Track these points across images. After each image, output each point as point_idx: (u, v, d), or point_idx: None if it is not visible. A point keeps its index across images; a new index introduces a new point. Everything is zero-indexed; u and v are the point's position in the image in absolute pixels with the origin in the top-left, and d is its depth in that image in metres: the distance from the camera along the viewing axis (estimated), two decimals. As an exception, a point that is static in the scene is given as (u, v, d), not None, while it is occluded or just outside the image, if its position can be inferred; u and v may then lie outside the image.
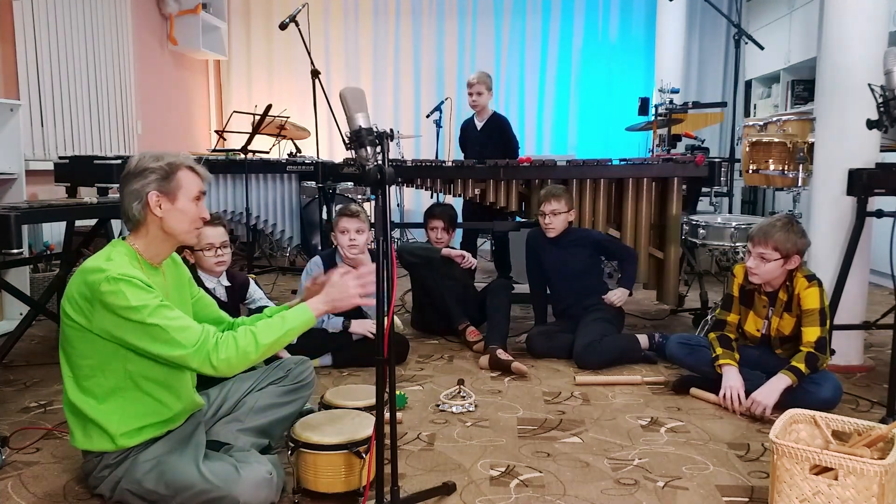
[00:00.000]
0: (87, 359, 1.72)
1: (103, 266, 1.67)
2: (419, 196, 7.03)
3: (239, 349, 1.67)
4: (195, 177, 1.81)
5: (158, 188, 1.75)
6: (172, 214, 1.77)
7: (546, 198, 3.31)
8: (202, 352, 1.65)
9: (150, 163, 1.76)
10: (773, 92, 6.80)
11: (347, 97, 1.71)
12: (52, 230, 4.23)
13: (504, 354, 3.08)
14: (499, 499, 1.91)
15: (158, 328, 1.64)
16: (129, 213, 1.77)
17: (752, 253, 2.55)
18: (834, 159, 3.00)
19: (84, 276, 1.69)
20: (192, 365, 1.67)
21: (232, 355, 1.66)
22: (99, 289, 1.64)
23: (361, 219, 3.08)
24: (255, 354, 1.69)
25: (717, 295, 4.14)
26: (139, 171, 1.75)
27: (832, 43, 2.98)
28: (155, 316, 1.65)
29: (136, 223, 1.78)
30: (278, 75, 7.18)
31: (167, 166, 1.76)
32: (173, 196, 1.77)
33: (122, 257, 1.74)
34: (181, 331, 1.66)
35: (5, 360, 2.98)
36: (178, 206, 1.78)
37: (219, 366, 1.66)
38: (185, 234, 1.82)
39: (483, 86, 4.47)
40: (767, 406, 2.45)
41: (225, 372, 1.68)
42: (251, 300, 2.91)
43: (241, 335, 1.70)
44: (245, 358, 1.68)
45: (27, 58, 4.40)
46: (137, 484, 1.75)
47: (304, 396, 2.16)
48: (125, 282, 1.65)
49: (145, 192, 1.74)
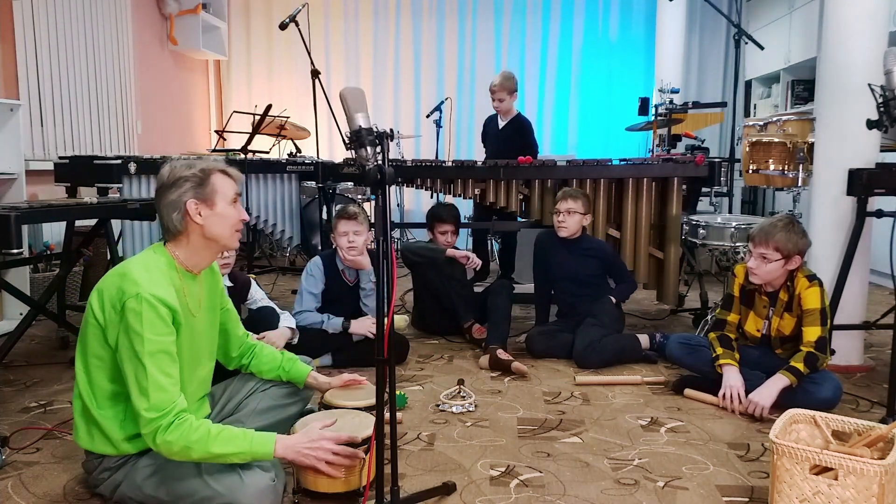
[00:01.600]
0: (97, 358, 1.72)
1: (139, 279, 1.65)
2: (419, 196, 7.04)
3: (185, 441, 1.61)
4: (229, 179, 1.81)
5: (196, 195, 1.74)
6: (213, 220, 1.76)
7: (563, 197, 3.32)
8: (155, 424, 1.60)
9: (183, 171, 1.74)
10: (773, 92, 6.80)
11: (347, 97, 1.71)
12: (52, 230, 4.23)
13: (504, 354, 3.08)
14: (499, 499, 1.91)
15: (144, 371, 1.61)
16: (168, 224, 1.75)
17: (753, 253, 2.55)
18: (834, 159, 3.00)
19: (120, 280, 1.67)
20: (140, 423, 1.63)
21: (174, 441, 1.61)
22: (126, 303, 1.63)
23: (360, 220, 3.08)
24: (197, 455, 1.62)
25: (717, 295, 4.14)
26: (173, 181, 1.74)
27: (832, 43, 2.98)
28: (152, 358, 1.62)
29: (177, 233, 1.77)
30: (278, 75, 7.17)
31: (201, 172, 1.75)
32: (211, 202, 1.76)
33: (160, 268, 1.72)
34: (159, 389, 1.62)
35: (5, 360, 2.98)
36: (218, 210, 1.77)
37: (160, 445, 1.62)
38: (228, 239, 1.81)
39: (504, 92, 4.54)
40: (765, 407, 2.45)
41: (163, 452, 1.63)
42: (252, 301, 2.92)
43: (195, 430, 1.62)
44: (186, 452, 1.62)
45: (27, 58, 4.39)
46: (137, 489, 1.74)
47: (306, 398, 2.17)
48: (151, 306, 1.63)
49: (183, 200, 1.73)
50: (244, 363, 2.11)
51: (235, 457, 1.65)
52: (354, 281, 3.21)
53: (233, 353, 2.10)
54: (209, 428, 1.65)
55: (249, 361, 2.11)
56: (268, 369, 2.10)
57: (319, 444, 1.71)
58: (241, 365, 2.12)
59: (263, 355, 2.11)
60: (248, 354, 2.11)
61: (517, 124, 4.66)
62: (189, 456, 1.63)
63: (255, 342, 2.16)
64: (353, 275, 3.21)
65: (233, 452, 1.64)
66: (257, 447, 1.66)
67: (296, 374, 2.11)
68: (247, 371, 2.12)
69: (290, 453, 1.69)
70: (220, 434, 1.65)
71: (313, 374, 2.14)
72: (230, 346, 2.08)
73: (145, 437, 1.65)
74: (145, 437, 1.64)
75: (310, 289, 3.15)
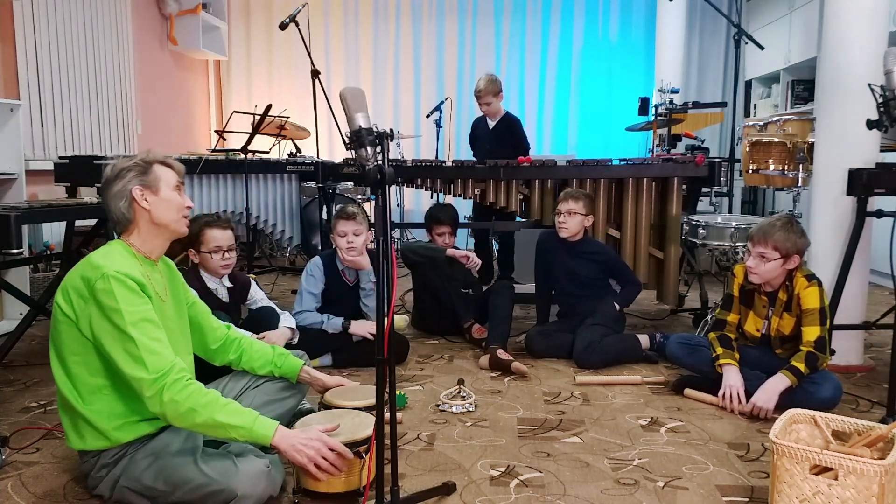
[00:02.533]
0: (74, 354, 1.73)
1: (100, 262, 1.69)
2: (419, 196, 7.04)
3: (192, 402, 1.62)
4: (169, 169, 1.86)
5: (140, 182, 1.79)
6: (159, 205, 1.81)
7: (564, 197, 3.32)
8: (159, 383, 1.61)
9: (125, 164, 1.81)
10: (773, 92, 6.80)
11: (347, 97, 1.71)
12: (52, 230, 4.23)
13: (504, 354, 3.08)
14: (499, 499, 1.91)
15: (133, 342, 1.63)
16: (116, 215, 1.81)
17: (752, 252, 2.55)
18: (834, 159, 3.00)
19: (81, 270, 1.71)
20: (145, 393, 1.62)
21: (182, 401, 1.61)
22: (94, 286, 1.66)
23: (359, 220, 3.08)
24: (200, 419, 1.62)
25: (717, 295, 4.14)
26: (117, 174, 1.80)
27: (832, 43, 2.98)
28: (136, 328, 1.63)
29: (126, 222, 1.82)
30: (278, 75, 7.18)
31: (142, 162, 1.82)
32: (155, 188, 1.81)
33: (120, 254, 1.76)
34: (152, 353, 1.63)
35: (5, 360, 2.98)
36: (162, 195, 1.82)
37: (167, 404, 1.61)
38: (175, 224, 1.85)
39: (490, 95, 4.58)
40: (769, 410, 2.46)
41: (168, 414, 1.63)
42: (252, 301, 2.92)
43: (204, 395, 1.64)
44: (190, 415, 1.62)
45: (27, 58, 4.39)
46: (136, 481, 1.76)
47: (301, 391, 2.17)
48: (119, 281, 1.66)
49: (128, 188, 1.78)
50: (232, 358, 2.10)
51: (235, 430, 1.65)
52: (354, 281, 3.21)
53: (212, 346, 2.08)
54: (218, 396, 1.68)
55: (239, 357, 2.10)
56: (260, 365, 2.09)
57: (315, 443, 1.72)
58: (230, 361, 2.10)
59: (254, 350, 2.10)
60: (233, 349, 2.10)
61: (508, 123, 4.71)
62: (193, 420, 1.63)
63: (240, 335, 2.14)
64: (352, 275, 3.21)
65: (236, 425, 1.65)
66: (259, 428, 1.67)
67: (288, 368, 2.10)
68: (238, 367, 2.11)
69: (285, 444, 1.69)
70: (228, 405, 1.68)
71: (306, 368, 2.13)
72: (206, 338, 2.07)
73: (150, 402, 1.63)
74: (150, 400, 1.63)
75: (310, 289, 3.15)
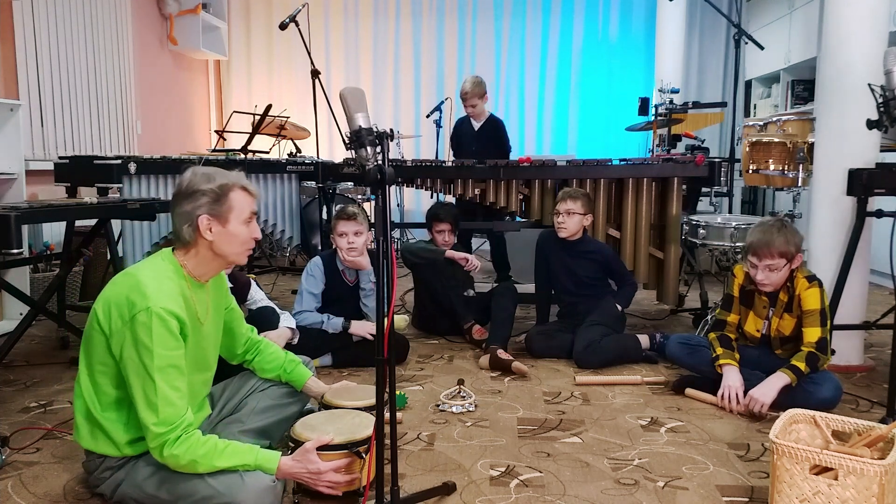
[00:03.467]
0: (102, 364, 1.72)
1: (148, 291, 1.64)
2: (419, 196, 7.04)
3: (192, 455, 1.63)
4: (247, 197, 1.79)
5: (209, 211, 1.72)
6: (223, 238, 1.75)
7: (563, 197, 3.31)
8: (162, 438, 1.62)
9: (201, 184, 1.73)
10: (773, 92, 6.80)
11: (347, 97, 1.71)
12: (52, 230, 4.23)
13: (504, 354, 3.08)
14: (499, 499, 1.91)
15: (154, 386, 1.62)
16: (179, 233, 1.75)
17: (759, 266, 2.54)
18: (834, 159, 3.00)
19: (128, 289, 1.66)
20: (149, 441, 1.64)
21: (181, 455, 1.62)
22: (136, 316, 1.62)
23: (359, 221, 3.08)
24: (202, 468, 1.64)
25: (717, 295, 4.14)
26: (190, 193, 1.72)
27: (832, 43, 2.98)
28: (161, 373, 1.62)
29: (186, 244, 1.76)
30: (278, 75, 7.18)
31: (219, 188, 1.73)
32: (224, 219, 1.74)
33: (169, 277, 1.72)
34: (168, 404, 1.63)
35: (5, 360, 2.98)
36: (230, 228, 1.75)
37: (167, 458, 1.64)
38: (236, 256, 1.81)
39: (476, 97, 4.67)
40: (765, 403, 2.46)
41: (169, 464, 1.65)
42: (252, 301, 2.92)
43: (202, 444, 1.65)
44: (191, 466, 1.64)
45: (27, 58, 4.39)
46: (138, 488, 1.75)
47: (304, 398, 2.17)
48: (161, 320, 1.62)
49: (196, 215, 1.72)
50: (248, 359, 2.12)
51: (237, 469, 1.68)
52: (354, 281, 3.21)
53: (238, 350, 2.10)
54: (216, 442, 1.67)
55: (253, 357, 2.11)
56: (270, 368, 2.10)
57: (321, 478, 1.74)
58: (245, 360, 2.12)
59: (268, 353, 2.12)
60: (252, 350, 2.12)
61: (493, 125, 4.81)
62: (195, 469, 1.65)
63: (261, 338, 2.16)
64: (353, 275, 3.21)
65: (237, 465, 1.67)
66: (262, 464, 1.69)
67: (296, 377, 2.11)
68: (250, 366, 2.12)
69: (289, 472, 1.73)
70: (227, 449, 1.68)
71: (313, 379, 2.14)
72: (235, 343, 2.08)
73: (152, 450, 1.66)
74: (152, 450, 1.65)
75: (310, 289, 3.15)
